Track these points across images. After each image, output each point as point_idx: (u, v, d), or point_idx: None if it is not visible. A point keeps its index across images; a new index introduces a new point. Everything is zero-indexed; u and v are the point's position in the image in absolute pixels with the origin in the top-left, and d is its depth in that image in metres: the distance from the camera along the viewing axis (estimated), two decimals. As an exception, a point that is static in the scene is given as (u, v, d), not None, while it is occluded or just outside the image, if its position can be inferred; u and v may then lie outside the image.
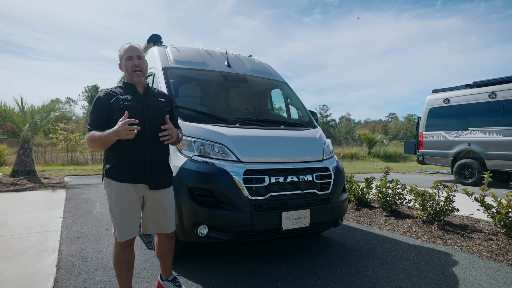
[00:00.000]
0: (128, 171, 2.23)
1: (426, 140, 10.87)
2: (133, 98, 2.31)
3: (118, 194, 2.21)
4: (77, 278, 2.91)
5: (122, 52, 2.36)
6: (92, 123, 2.21)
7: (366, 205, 5.99)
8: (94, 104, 2.26)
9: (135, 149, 2.23)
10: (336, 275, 3.00)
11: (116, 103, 2.23)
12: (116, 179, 2.22)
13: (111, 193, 2.24)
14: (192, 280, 2.86)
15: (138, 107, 2.28)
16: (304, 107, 4.50)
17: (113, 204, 2.23)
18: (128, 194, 2.23)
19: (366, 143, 24.96)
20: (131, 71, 2.31)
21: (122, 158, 2.23)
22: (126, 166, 2.23)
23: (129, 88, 2.35)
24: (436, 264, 3.30)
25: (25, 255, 3.48)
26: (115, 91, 2.32)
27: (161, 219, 2.37)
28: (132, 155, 2.23)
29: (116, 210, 2.23)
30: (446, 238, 4.18)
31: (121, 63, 2.38)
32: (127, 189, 2.23)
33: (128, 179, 2.22)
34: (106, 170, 2.27)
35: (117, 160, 2.24)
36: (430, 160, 10.92)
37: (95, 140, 2.12)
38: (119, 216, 2.23)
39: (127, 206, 2.24)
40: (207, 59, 4.37)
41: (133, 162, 2.23)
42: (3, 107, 10.11)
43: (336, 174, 3.51)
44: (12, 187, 8.42)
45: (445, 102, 10.46)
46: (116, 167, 2.23)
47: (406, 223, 4.80)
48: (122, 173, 2.23)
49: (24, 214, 5.39)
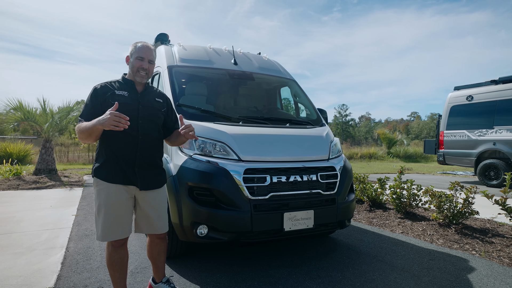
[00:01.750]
0: (118, 172, 2.18)
1: (447, 140, 10.41)
2: (130, 95, 2.26)
3: (108, 194, 2.16)
4: (79, 276, 2.93)
5: (135, 49, 2.29)
6: (84, 113, 2.15)
7: (380, 207, 5.77)
8: (89, 96, 2.21)
9: (126, 148, 2.19)
10: (341, 279, 2.87)
11: (112, 98, 2.17)
12: (106, 180, 2.17)
13: (100, 192, 2.18)
14: (191, 281, 2.82)
15: (134, 105, 2.23)
16: (312, 105, 4.38)
17: (102, 203, 2.16)
18: (119, 195, 2.18)
19: (385, 143, 24.28)
20: (136, 70, 2.27)
21: (112, 157, 2.18)
22: (116, 166, 2.18)
23: (128, 85, 2.30)
24: (450, 270, 3.10)
25: (34, 252, 3.55)
26: (112, 85, 2.27)
27: (153, 219, 2.31)
28: (123, 155, 2.18)
29: (104, 210, 2.15)
30: (463, 242, 3.94)
31: (130, 58, 2.31)
32: (117, 189, 2.17)
33: (117, 180, 2.17)
34: (95, 169, 2.21)
35: (107, 159, 2.19)
36: (451, 160, 10.45)
37: (82, 130, 2.05)
38: (107, 216, 2.15)
39: (116, 206, 2.18)
40: (213, 57, 4.33)
41: (123, 162, 2.18)
42: (27, 108, 10.53)
43: (343, 173, 3.38)
44: (34, 185, 8.73)
45: (468, 99, 9.98)
46: (106, 166, 2.18)
47: (421, 226, 4.58)
48: (111, 174, 2.17)
49: (40, 211, 5.55)
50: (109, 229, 2.16)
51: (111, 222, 2.16)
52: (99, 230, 2.18)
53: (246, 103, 4.35)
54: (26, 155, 16.92)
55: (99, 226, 2.18)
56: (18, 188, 8.20)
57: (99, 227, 2.18)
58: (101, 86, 2.25)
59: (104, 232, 2.16)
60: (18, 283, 2.78)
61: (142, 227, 2.34)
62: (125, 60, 2.38)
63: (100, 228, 2.17)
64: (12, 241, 3.92)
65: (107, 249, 2.25)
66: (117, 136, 2.14)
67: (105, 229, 2.16)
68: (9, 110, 10.22)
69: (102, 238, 2.17)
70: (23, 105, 10.34)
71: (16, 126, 10.36)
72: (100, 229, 2.17)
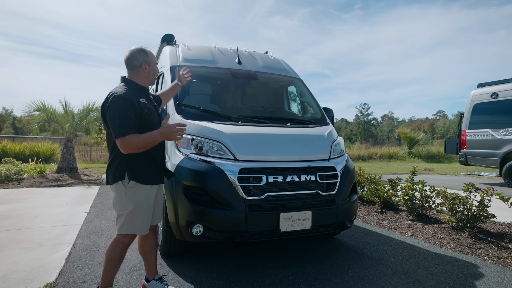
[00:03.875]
0: (155, 173, 2.37)
1: (469, 139, 9.93)
2: (149, 102, 2.42)
3: (147, 193, 2.32)
4: (80, 272, 3.01)
5: (151, 56, 2.40)
6: (131, 125, 2.12)
7: (392, 208, 5.59)
8: (126, 106, 2.13)
9: (159, 151, 2.41)
10: (338, 282, 2.79)
11: (145, 107, 2.27)
12: (145, 182, 2.29)
13: (139, 190, 2.27)
14: (186, 280, 2.83)
15: (155, 111, 2.42)
16: (317, 103, 4.29)
17: (142, 199, 2.28)
18: (153, 191, 2.38)
19: (406, 143, 23.49)
20: (153, 77, 2.43)
21: (151, 161, 2.33)
22: (154, 168, 2.36)
23: (144, 92, 2.41)
24: (457, 276, 2.95)
25: (43, 247, 3.69)
26: (134, 93, 2.27)
27: (156, 211, 2.49)
28: (155, 157, 2.36)
29: (146, 206, 2.32)
30: (476, 247, 3.74)
31: (149, 65, 2.36)
32: (153, 189, 2.38)
33: (157, 180, 2.39)
34: (132, 173, 2.23)
35: (144, 163, 2.29)
36: (474, 161, 9.97)
37: (141, 142, 2.11)
38: (149, 212, 2.35)
39: (152, 201, 2.39)
40: (217, 56, 4.33)
41: (155, 164, 2.37)
42: (49, 109, 11.01)
43: (344, 174, 3.28)
44: (55, 183, 9.10)
45: (493, 96, 9.47)
46: (144, 170, 2.29)
47: (433, 229, 4.38)
48: (151, 176, 2.33)
49: (56, 208, 5.77)
50: (148, 222, 2.35)
51: (150, 216, 2.37)
52: (137, 227, 2.29)
53: (248, 102, 4.32)
54: (52, 154, 17.69)
55: (138, 223, 2.29)
56: (41, 186, 8.57)
57: (138, 224, 2.29)
58: (128, 95, 2.20)
59: (143, 227, 2.32)
60: (22, 277, 2.89)
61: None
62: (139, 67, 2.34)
63: (139, 224, 2.29)
64: (24, 236, 4.09)
65: (114, 246, 2.29)
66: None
67: (144, 223, 2.32)
68: (33, 111, 10.72)
69: (145, 230, 2.34)
70: (46, 106, 10.82)
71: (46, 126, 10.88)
72: (138, 224, 2.29)
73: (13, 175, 9.35)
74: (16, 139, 21.29)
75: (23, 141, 19.58)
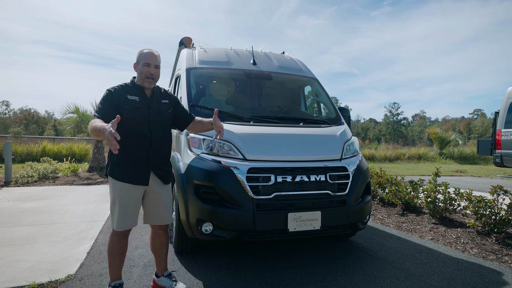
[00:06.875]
0: (132, 172, 2.37)
1: (505, 139, 9.32)
2: (141, 100, 2.44)
3: (122, 188, 2.37)
4: (98, 265, 3.18)
5: (141, 56, 2.46)
6: (100, 112, 2.29)
7: (414, 211, 5.38)
8: (105, 96, 2.37)
9: (140, 149, 2.39)
10: (346, 284, 2.75)
11: (126, 103, 2.36)
12: (120, 179, 2.37)
13: (115, 185, 2.39)
14: (195, 276, 2.91)
15: (145, 110, 2.43)
16: (332, 103, 4.24)
17: (116, 195, 2.38)
18: (132, 190, 2.40)
19: (437, 143, 22.38)
20: (144, 77, 2.44)
21: (127, 158, 2.36)
22: (131, 166, 2.37)
23: (138, 90, 2.48)
24: (476, 283, 2.80)
25: (69, 241, 3.93)
26: (125, 89, 2.44)
27: (160, 211, 2.53)
28: (137, 155, 2.38)
29: (119, 202, 2.37)
30: (503, 253, 3.53)
31: (138, 65, 2.48)
32: (135, 189, 2.41)
33: (132, 180, 2.38)
34: (110, 168, 2.40)
35: (121, 159, 2.36)
36: (510, 162, 9.35)
37: (92, 129, 2.16)
38: (121, 208, 2.37)
39: (129, 199, 2.40)
40: (232, 58, 4.40)
41: (138, 163, 2.38)
42: (81, 112, 11.65)
43: (356, 174, 3.22)
44: (86, 181, 9.61)
45: (531, 93, 8.84)
46: (120, 167, 2.37)
47: (456, 233, 4.18)
48: (126, 174, 2.37)
49: (84, 205, 6.10)
50: (124, 218, 2.39)
51: (126, 212, 2.39)
52: (115, 221, 2.40)
53: (263, 102, 4.35)
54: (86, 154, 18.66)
55: (115, 217, 2.39)
56: (73, 184, 9.09)
57: (115, 218, 2.39)
58: (114, 89, 2.42)
59: (119, 222, 2.39)
60: (47, 268, 3.10)
61: (150, 219, 2.55)
62: (133, 67, 2.53)
63: (117, 219, 2.38)
64: (53, 230, 4.37)
65: (111, 239, 2.44)
66: (133, 139, 2.34)
67: (120, 218, 2.38)
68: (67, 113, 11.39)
69: (118, 227, 2.39)
70: (79, 109, 11.46)
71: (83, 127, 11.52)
72: (116, 219, 2.39)
73: (50, 173, 9.98)
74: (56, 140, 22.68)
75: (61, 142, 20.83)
